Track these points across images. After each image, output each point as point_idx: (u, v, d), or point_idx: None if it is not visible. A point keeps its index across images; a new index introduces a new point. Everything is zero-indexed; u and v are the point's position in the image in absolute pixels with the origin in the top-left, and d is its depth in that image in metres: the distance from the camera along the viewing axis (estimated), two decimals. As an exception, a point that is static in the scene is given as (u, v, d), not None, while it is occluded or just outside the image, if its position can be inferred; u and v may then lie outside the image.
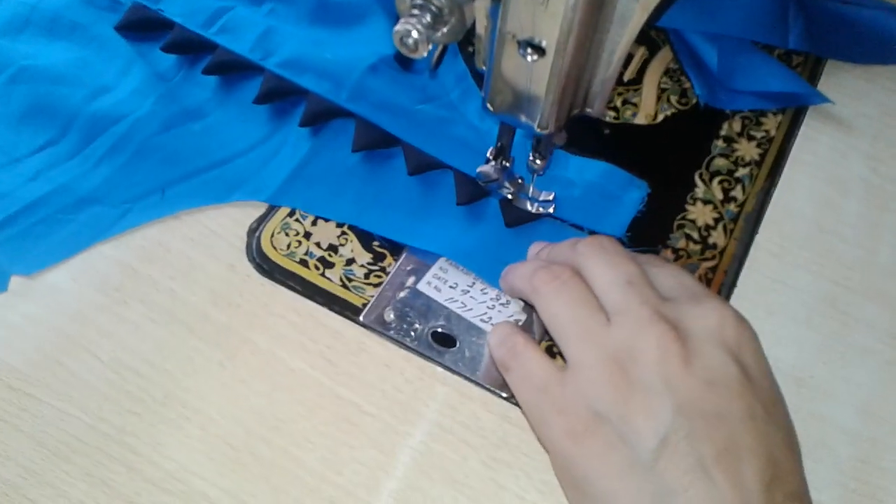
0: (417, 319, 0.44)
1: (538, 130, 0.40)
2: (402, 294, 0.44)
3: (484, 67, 0.39)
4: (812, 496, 0.39)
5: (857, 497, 0.40)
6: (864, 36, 0.55)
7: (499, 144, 0.45)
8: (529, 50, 0.35)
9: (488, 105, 0.40)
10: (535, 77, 0.37)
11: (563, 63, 0.35)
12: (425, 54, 0.33)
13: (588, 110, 0.40)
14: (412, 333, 0.43)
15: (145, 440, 0.39)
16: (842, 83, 0.55)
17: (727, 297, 0.45)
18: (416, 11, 0.33)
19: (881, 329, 0.45)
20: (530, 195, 0.47)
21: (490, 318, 0.44)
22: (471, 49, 0.39)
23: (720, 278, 0.46)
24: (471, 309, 0.44)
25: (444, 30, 0.34)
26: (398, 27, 0.33)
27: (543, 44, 0.35)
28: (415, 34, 0.33)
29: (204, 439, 0.39)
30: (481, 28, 0.37)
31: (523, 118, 0.40)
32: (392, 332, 0.43)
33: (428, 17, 0.33)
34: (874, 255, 0.47)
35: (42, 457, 0.39)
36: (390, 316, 0.44)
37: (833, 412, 0.42)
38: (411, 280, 0.45)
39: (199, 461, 0.39)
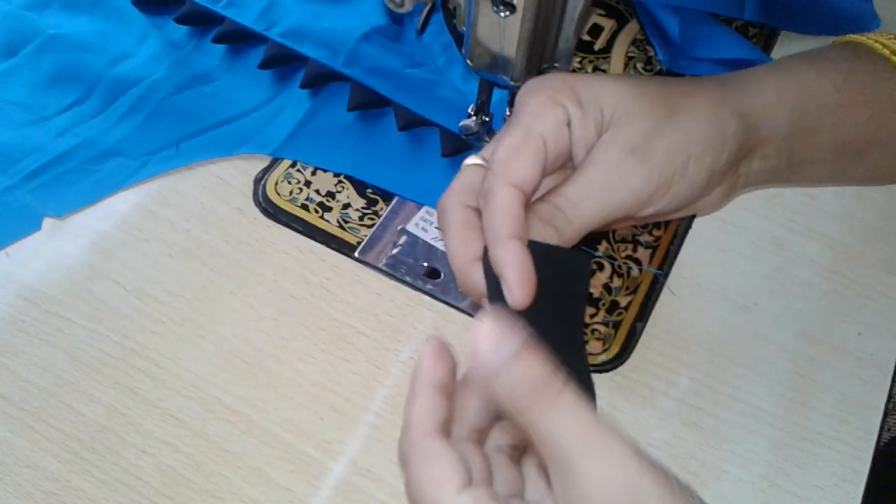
0: (406, 255, 0.49)
1: (512, 83, 0.45)
2: (392, 234, 0.50)
3: (464, 28, 0.44)
4: (754, 404, 0.45)
5: (793, 405, 0.45)
6: (815, 8, 0.61)
7: (479, 101, 0.50)
8: (502, 7, 0.41)
9: (468, 61, 0.45)
10: (507, 32, 0.42)
11: (532, 17, 0.41)
12: (410, 8, 0.38)
13: (556, 65, 0.45)
14: (402, 268, 0.48)
15: (167, 355, 0.45)
16: (793, 51, 0.60)
17: (682, 237, 0.50)
18: (402, -29, 0.38)
19: (821, 265, 0.50)
20: (508, 148, 0.52)
21: (471, 254, 0.49)
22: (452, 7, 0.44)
23: (676, 221, 0.51)
24: (454, 246, 0.49)
25: (427, -12, 0.39)
26: (387, -16, 0.38)
27: (514, 0, 0.40)
28: (401, -10, 0.38)
29: (218, 355, 0.45)
30: (461, -9, 0.42)
31: (498, 72, 0.45)
32: (384, 265, 0.48)
33: (413, -23, 0.39)
34: (817, 200, 0.53)
35: (76, 368, 0.44)
36: (382, 252, 0.49)
37: (774, 334, 0.47)
38: (401, 222, 0.50)
39: (214, 373, 0.44)
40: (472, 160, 0.38)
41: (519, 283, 0.32)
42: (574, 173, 0.36)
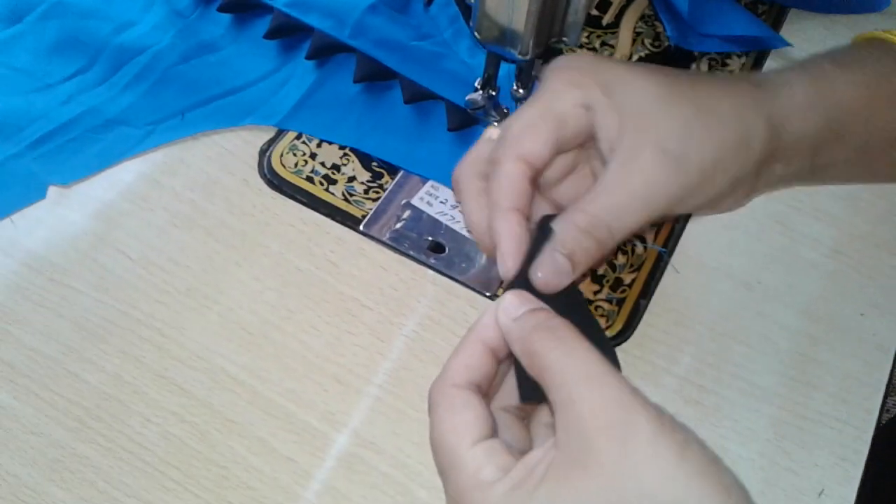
0: (411, 229, 0.49)
1: (519, 57, 0.45)
2: (397, 208, 0.50)
3: (472, 1, 0.44)
4: (756, 382, 0.45)
5: (794, 384, 0.45)
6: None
7: (486, 75, 0.50)
8: (511, -21, 0.40)
9: (476, 34, 0.45)
10: (516, 5, 0.42)
11: (541, -9, 0.40)
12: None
13: (564, 39, 0.45)
14: (406, 242, 0.48)
15: (172, 325, 0.45)
16: (803, 29, 0.60)
17: (687, 215, 0.50)
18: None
19: (825, 245, 0.50)
20: (514, 123, 0.52)
21: (476, 228, 0.49)
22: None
23: (683, 198, 0.51)
24: (459, 221, 0.49)
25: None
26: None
27: (523, -26, 0.40)
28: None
29: (223, 325, 0.45)
30: (470, -37, 0.42)
31: (506, 46, 0.45)
32: (388, 239, 0.48)
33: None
34: (823, 180, 0.52)
35: (81, 337, 0.44)
36: (387, 226, 0.49)
37: (777, 312, 0.47)
38: (406, 196, 0.50)
39: (219, 343, 0.44)
40: (492, 133, 0.38)
41: (510, 254, 0.34)
42: (610, 181, 0.35)
